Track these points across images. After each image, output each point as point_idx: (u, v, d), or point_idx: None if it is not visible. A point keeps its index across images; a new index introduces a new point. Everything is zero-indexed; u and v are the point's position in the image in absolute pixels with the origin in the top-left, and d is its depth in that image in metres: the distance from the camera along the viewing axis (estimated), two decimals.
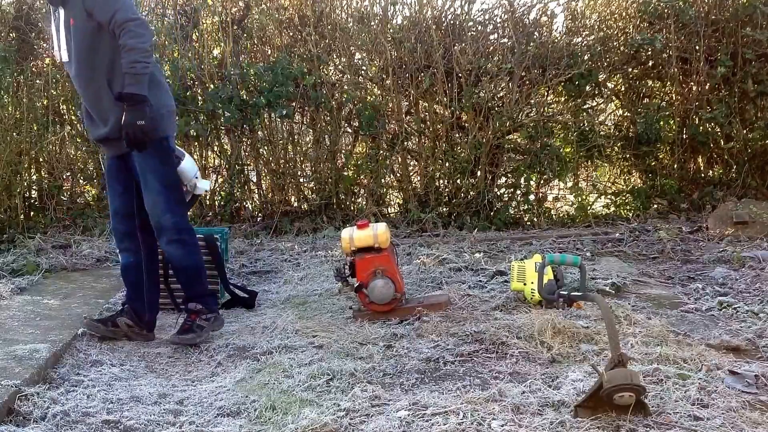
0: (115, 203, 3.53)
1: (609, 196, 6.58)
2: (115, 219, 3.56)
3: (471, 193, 6.17)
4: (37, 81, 6.17)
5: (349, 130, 6.55)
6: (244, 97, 6.07)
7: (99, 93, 3.34)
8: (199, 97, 6.22)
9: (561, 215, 6.44)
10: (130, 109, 3.19)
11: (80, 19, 3.25)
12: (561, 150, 6.29)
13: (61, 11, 3.31)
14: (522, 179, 6.30)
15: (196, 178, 3.68)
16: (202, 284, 3.59)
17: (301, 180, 6.52)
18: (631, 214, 6.23)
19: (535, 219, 6.17)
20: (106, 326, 3.48)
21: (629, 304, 3.70)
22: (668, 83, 6.47)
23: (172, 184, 3.47)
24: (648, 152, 6.33)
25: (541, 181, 6.38)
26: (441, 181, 6.36)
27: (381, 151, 6.27)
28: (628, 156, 6.48)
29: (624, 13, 6.48)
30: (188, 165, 3.63)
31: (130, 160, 3.41)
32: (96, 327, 3.47)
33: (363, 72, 6.49)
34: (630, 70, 6.42)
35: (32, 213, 6.22)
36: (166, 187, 3.42)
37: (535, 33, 6.25)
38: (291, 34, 6.44)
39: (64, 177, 6.36)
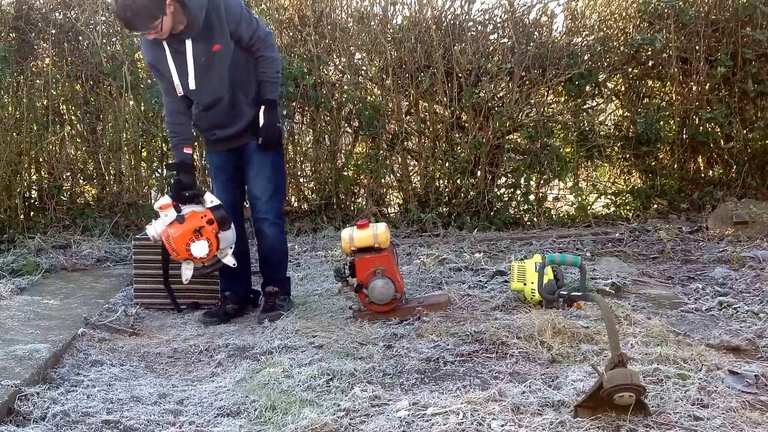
0: (223, 193, 3.82)
1: (609, 196, 6.58)
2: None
3: (471, 193, 6.17)
4: (37, 81, 6.17)
5: (349, 130, 6.56)
6: None
7: (233, 103, 3.67)
8: None
9: (561, 215, 6.44)
10: (271, 113, 3.63)
11: (225, 42, 3.53)
12: (561, 150, 6.30)
13: (188, 42, 3.48)
14: (522, 179, 6.30)
15: (231, 248, 3.74)
16: (285, 269, 4.01)
17: (301, 180, 6.52)
18: (631, 214, 6.23)
19: (535, 219, 6.17)
20: (220, 318, 3.80)
21: (629, 304, 3.70)
22: (668, 83, 6.47)
23: (282, 174, 3.90)
24: (648, 152, 6.33)
25: (541, 181, 6.38)
26: (441, 181, 6.37)
27: (381, 151, 6.27)
28: (628, 156, 6.48)
29: (624, 13, 6.48)
30: (231, 232, 3.71)
31: (244, 152, 3.76)
32: (211, 321, 3.78)
33: (363, 72, 6.49)
34: (630, 70, 6.42)
35: (32, 213, 6.22)
36: (277, 175, 3.82)
37: (535, 33, 6.26)
38: (291, 34, 6.43)
39: (64, 177, 6.36)
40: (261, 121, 3.66)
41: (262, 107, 3.66)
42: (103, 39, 6.17)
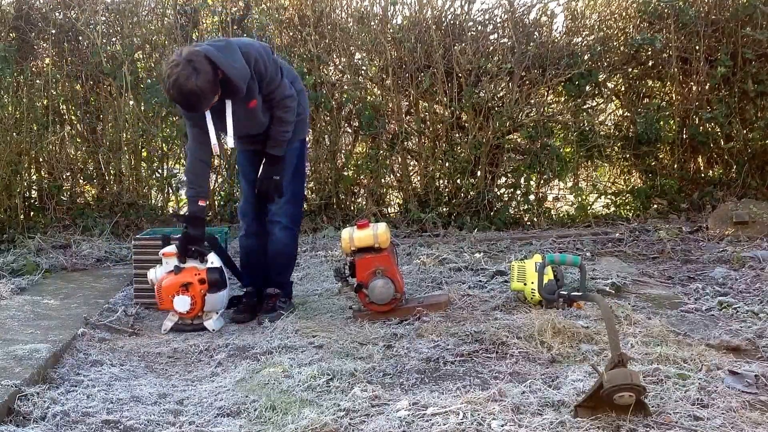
0: (247, 191, 3.89)
1: (609, 196, 6.58)
2: (246, 204, 3.92)
3: (471, 193, 6.17)
4: (37, 81, 6.17)
5: (349, 130, 6.56)
6: None
7: (263, 132, 3.74)
8: None
9: (561, 215, 6.44)
10: (269, 166, 3.69)
11: (258, 97, 3.59)
12: (561, 150, 6.29)
13: (228, 103, 3.53)
14: (522, 179, 6.30)
15: (217, 312, 3.75)
16: (290, 273, 4.05)
17: None
18: (631, 214, 6.23)
19: (535, 219, 6.17)
20: (249, 314, 3.84)
21: (629, 304, 3.70)
22: (668, 83, 6.47)
23: (301, 181, 3.99)
24: (648, 152, 6.33)
25: (541, 181, 6.38)
26: (441, 181, 6.36)
27: (381, 151, 6.27)
28: (628, 156, 6.48)
29: (624, 13, 6.48)
30: (222, 297, 3.73)
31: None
32: (242, 317, 3.82)
33: (363, 72, 6.49)
34: (630, 70, 6.42)
35: (32, 213, 6.22)
36: (295, 182, 3.86)
37: (535, 33, 6.25)
38: (291, 34, 6.44)
39: (64, 177, 6.36)
40: (259, 173, 3.72)
41: (264, 159, 3.71)
42: (103, 39, 6.18)
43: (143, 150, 6.38)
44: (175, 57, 3.33)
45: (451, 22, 6.25)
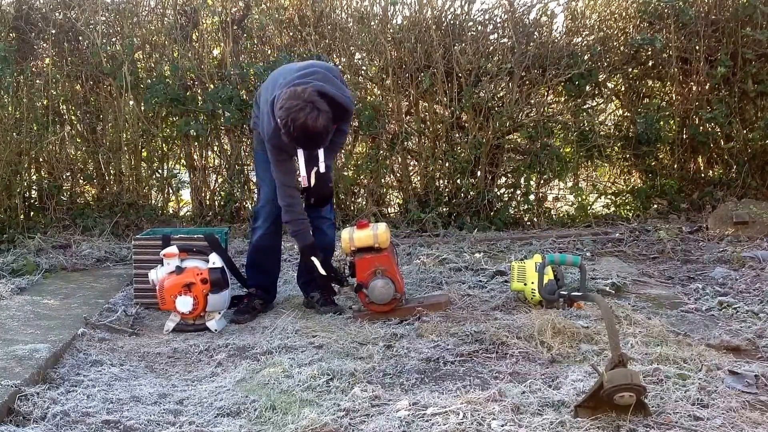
0: (269, 189, 3.86)
1: (609, 196, 6.58)
2: (271, 206, 3.85)
3: (471, 193, 6.17)
4: (37, 81, 6.17)
5: (349, 130, 6.55)
6: (244, 97, 6.07)
7: None
8: (199, 97, 6.22)
9: (561, 215, 6.44)
10: (323, 176, 3.69)
11: None
12: (561, 150, 6.29)
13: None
14: (522, 179, 6.30)
15: (219, 313, 3.76)
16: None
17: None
18: (631, 214, 6.23)
19: (535, 219, 6.17)
20: (251, 314, 3.85)
21: (629, 304, 3.70)
22: (668, 83, 6.47)
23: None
24: (648, 152, 6.33)
25: (541, 181, 6.38)
26: (441, 181, 6.36)
27: (381, 151, 6.27)
28: (628, 156, 6.48)
29: (624, 13, 6.48)
30: (224, 297, 3.76)
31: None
32: (243, 318, 3.81)
33: (363, 72, 6.49)
34: (630, 70, 6.42)
35: (32, 213, 6.21)
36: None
37: (535, 33, 6.25)
38: (291, 34, 6.43)
39: (64, 177, 6.35)
40: (312, 182, 3.72)
41: (315, 168, 3.68)
42: (103, 39, 6.17)
43: (143, 150, 6.38)
44: (292, 100, 3.32)
45: (451, 22, 6.25)
